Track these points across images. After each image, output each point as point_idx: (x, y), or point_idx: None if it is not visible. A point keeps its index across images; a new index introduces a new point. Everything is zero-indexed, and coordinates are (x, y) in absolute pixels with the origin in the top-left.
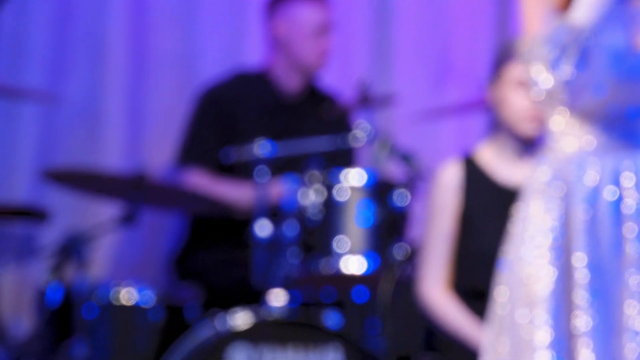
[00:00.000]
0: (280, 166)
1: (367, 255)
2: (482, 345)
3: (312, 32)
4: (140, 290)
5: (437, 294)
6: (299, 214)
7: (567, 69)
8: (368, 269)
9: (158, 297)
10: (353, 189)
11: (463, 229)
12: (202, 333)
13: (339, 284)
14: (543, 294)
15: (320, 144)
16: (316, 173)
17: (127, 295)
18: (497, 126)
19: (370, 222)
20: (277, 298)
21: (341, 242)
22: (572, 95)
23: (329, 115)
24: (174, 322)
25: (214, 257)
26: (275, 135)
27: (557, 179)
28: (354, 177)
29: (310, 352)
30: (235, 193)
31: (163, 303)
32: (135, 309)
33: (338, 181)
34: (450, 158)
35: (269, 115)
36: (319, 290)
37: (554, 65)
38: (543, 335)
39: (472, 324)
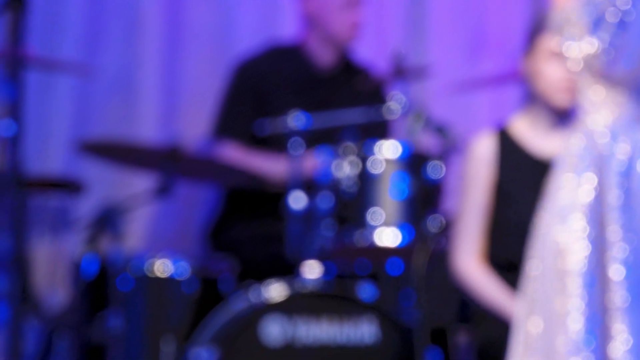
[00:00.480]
0: (315, 138)
1: (401, 227)
2: (514, 320)
3: (341, 5)
4: (175, 262)
5: (471, 266)
6: (333, 186)
7: (604, 36)
8: (402, 241)
9: (193, 269)
10: (387, 161)
11: (497, 201)
12: (237, 305)
13: (374, 256)
14: (577, 268)
15: (354, 116)
16: (350, 145)
17: (162, 267)
18: (531, 98)
19: (404, 194)
20: (312, 270)
21: (375, 215)
22: (606, 64)
23: (363, 87)
24: (208, 294)
25: (249, 229)
26: (309, 108)
27: (589, 151)
28: (388, 149)
29: (344, 324)
30: (269, 165)
31: (198, 275)
32: (169, 281)
33: (372, 153)
34: (484, 130)
35: (303, 88)
36: (353, 262)
37: (592, 31)
38: (577, 309)
39: (506, 296)
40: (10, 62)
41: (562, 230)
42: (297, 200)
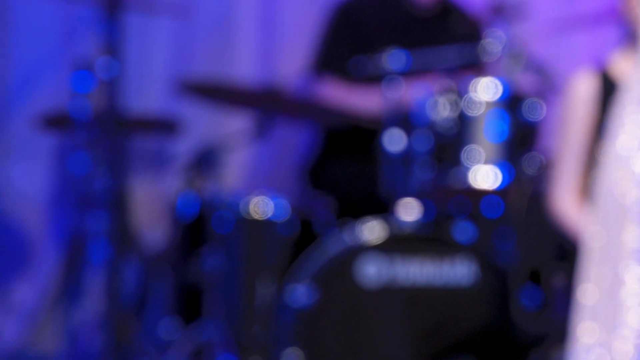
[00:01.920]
0: (412, 78)
1: (500, 166)
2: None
3: None
4: (273, 200)
5: (571, 205)
6: (430, 126)
7: None
8: (501, 182)
9: (291, 208)
10: (485, 100)
11: (597, 141)
12: (334, 245)
13: (472, 197)
14: (635, 209)
15: (452, 56)
16: (448, 85)
17: (260, 207)
18: (631, 37)
19: (502, 133)
20: (409, 210)
21: (473, 154)
22: None
23: (461, 27)
24: (306, 232)
25: (347, 168)
26: (408, 47)
27: None
28: (486, 89)
29: (443, 264)
30: (367, 100)
31: (296, 214)
32: (267, 221)
33: (470, 93)
34: (584, 69)
35: (401, 28)
36: (451, 203)
37: None
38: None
39: None
40: (109, 2)
41: (623, 167)
42: (394, 140)
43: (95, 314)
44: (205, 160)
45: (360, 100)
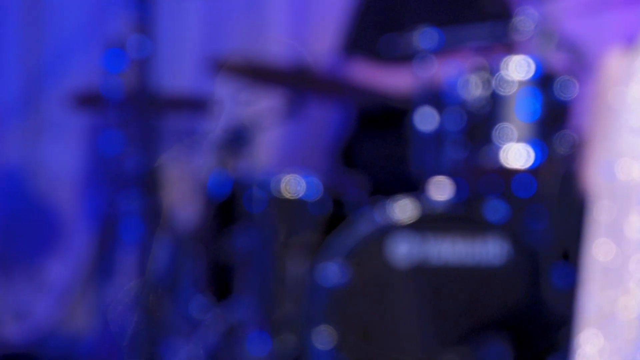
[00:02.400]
0: (444, 56)
1: (532, 145)
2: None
3: None
4: (305, 178)
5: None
6: (462, 104)
7: None
8: (533, 160)
9: (323, 186)
10: (517, 79)
11: None
12: (366, 223)
13: (504, 175)
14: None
15: (484, 34)
16: (480, 63)
17: (292, 186)
18: None
19: (535, 112)
20: (441, 189)
21: (505, 133)
22: None
23: (493, 5)
24: (337, 212)
25: (378, 147)
26: (439, 26)
27: None
28: (518, 67)
29: (475, 243)
30: (399, 81)
31: (327, 193)
32: (299, 200)
33: (502, 71)
34: (616, 47)
35: (433, 6)
36: (483, 181)
37: None
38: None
39: None
40: None
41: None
42: (425, 119)
43: (127, 292)
44: (237, 139)
45: (391, 79)
